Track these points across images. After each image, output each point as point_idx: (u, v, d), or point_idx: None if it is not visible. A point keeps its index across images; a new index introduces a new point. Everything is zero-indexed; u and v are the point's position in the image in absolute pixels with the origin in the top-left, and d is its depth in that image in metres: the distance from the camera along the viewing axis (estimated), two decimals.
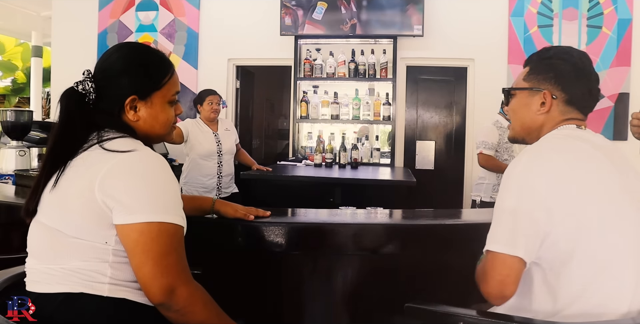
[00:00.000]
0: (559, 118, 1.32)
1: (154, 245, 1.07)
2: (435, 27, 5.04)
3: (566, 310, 1.13)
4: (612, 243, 1.13)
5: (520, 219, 1.12)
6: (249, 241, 1.70)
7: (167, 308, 1.09)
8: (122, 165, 1.10)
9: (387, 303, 1.71)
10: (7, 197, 2.26)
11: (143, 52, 1.30)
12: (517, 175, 1.18)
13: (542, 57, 1.37)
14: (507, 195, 1.17)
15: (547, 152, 1.21)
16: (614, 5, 4.88)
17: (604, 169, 1.20)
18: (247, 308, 1.71)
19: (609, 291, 1.12)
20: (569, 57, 1.32)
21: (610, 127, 4.88)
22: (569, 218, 1.11)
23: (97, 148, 1.14)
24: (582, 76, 1.31)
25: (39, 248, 1.15)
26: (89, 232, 1.09)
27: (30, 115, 3.08)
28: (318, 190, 3.63)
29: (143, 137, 1.27)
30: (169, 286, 1.07)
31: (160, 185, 1.13)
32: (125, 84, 1.23)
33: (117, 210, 1.08)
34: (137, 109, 1.25)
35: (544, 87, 1.33)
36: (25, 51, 10.43)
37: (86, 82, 1.23)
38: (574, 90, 1.31)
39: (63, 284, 1.09)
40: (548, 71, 1.34)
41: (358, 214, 1.93)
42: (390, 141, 5.12)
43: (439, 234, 1.74)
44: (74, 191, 1.10)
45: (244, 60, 5.60)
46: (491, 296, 1.12)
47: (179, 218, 1.13)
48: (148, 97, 1.26)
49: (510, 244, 1.11)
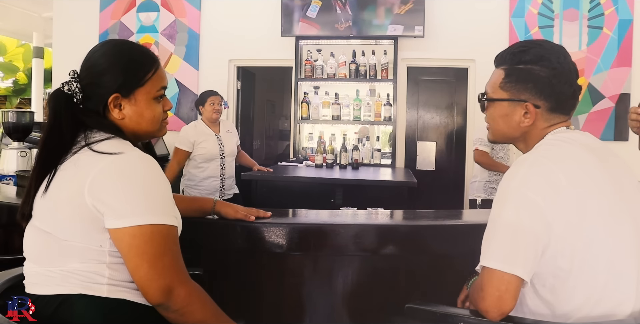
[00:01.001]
0: (544, 125, 1.26)
1: (148, 247, 1.07)
2: (436, 28, 5.04)
3: (568, 320, 1.11)
4: (612, 253, 1.10)
5: (519, 236, 1.08)
6: (249, 241, 1.70)
7: (166, 309, 1.09)
8: (110, 168, 1.09)
9: (387, 304, 1.71)
10: (8, 198, 2.26)
11: (124, 49, 1.27)
12: (514, 189, 1.12)
13: (517, 61, 1.28)
14: (505, 209, 1.12)
15: (544, 162, 1.14)
16: (614, 5, 4.88)
17: (599, 175, 1.15)
18: (248, 309, 1.71)
19: (612, 302, 1.09)
20: (547, 62, 1.23)
21: (611, 128, 4.88)
22: (569, 231, 1.08)
23: (86, 150, 1.13)
24: (563, 80, 1.23)
25: (36, 252, 1.14)
26: (82, 236, 1.09)
27: (31, 116, 3.09)
28: (319, 191, 3.63)
29: (131, 135, 1.25)
30: (167, 286, 1.07)
31: (150, 186, 1.11)
32: (108, 82, 1.21)
33: (108, 214, 1.07)
34: (122, 107, 1.23)
35: (525, 97, 1.25)
36: (27, 52, 10.45)
37: (72, 83, 1.21)
38: (556, 96, 1.23)
39: (62, 285, 1.08)
40: (527, 80, 1.25)
41: (359, 215, 1.93)
42: (391, 141, 5.12)
43: (439, 235, 1.74)
44: (65, 195, 1.09)
45: (245, 61, 5.60)
46: (489, 313, 1.07)
47: (171, 218, 1.12)
48: (131, 94, 1.23)
49: (509, 262, 1.07)
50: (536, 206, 1.08)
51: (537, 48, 1.26)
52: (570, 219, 1.08)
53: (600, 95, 4.90)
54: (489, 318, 1.08)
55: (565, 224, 1.08)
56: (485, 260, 1.11)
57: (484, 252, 1.12)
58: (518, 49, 1.29)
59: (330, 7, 4.95)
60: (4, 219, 2.07)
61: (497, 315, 1.07)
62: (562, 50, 1.26)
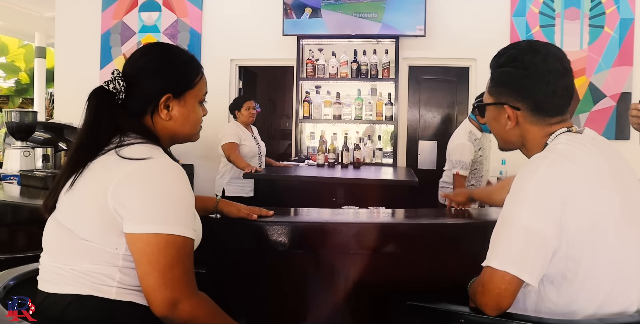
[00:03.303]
0: (537, 128, 1.25)
1: (160, 257, 1.06)
2: (437, 27, 5.05)
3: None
4: (619, 260, 1.11)
5: (532, 241, 1.07)
6: (252, 240, 1.71)
7: (171, 322, 1.09)
8: (136, 173, 1.09)
9: (389, 301, 1.72)
10: (12, 198, 2.27)
11: (176, 52, 1.31)
12: (532, 190, 1.10)
13: (495, 66, 1.30)
14: (520, 210, 1.10)
15: (563, 162, 1.13)
16: (616, 4, 4.88)
17: (609, 178, 1.15)
18: (250, 307, 1.72)
19: (616, 307, 1.10)
20: (519, 63, 1.23)
21: (613, 127, 4.89)
22: (580, 237, 1.08)
23: (113, 154, 1.14)
24: (537, 80, 1.21)
25: (53, 245, 1.16)
26: (100, 236, 1.10)
27: (34, 116, 3.10)
28: (321, 190, 3.64)
29: (168, 139, 1.28)
30: (173, 299, 1.06)
31: (172, 196, 1.11)
32: (160, 82, 1.24)
33: (127, 218, 1.07)
34: (170, 108, 1.26)
35: (504, 100, 1.26)
36: (29, 52, 10.47)
37: (117, 81, 1.22)
38: (534, 96, 1.22)
39: (72, 285, 1.10)
40: (503, 83, 1.27)
41: (360, 213, 1.94)
42: (393, 140, 5.13)
43: (441, 233, 1.75)
44: (89, 195, 1.11)
45: (247, 61, 5.61)
46: (487, 307, 1.09)
47: (189, 231, 1.12)
48: (182, 96, 1.27)
49: (517, 265, 1.06)
50: (553, 211, 1.07)
51: (513, 50, 1.27)
52: (583, 224, 1.08)
53: (602, 94, 4.91)
54: (486, 312, 1.09)
55: (577, 229, 1.08)
56: (493, 260, 1.10)
57: (493, 251, 1.12)
58: (498, 53, 1.30)
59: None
60: (9, 219, 2.09)
61: (494, 310, 1.09)
62: (542, 49, 1.24)
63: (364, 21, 4.91)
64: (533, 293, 1.16)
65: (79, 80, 5.60)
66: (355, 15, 4.92)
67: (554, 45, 1.27)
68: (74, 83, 5.64)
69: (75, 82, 5.63)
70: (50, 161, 3.19)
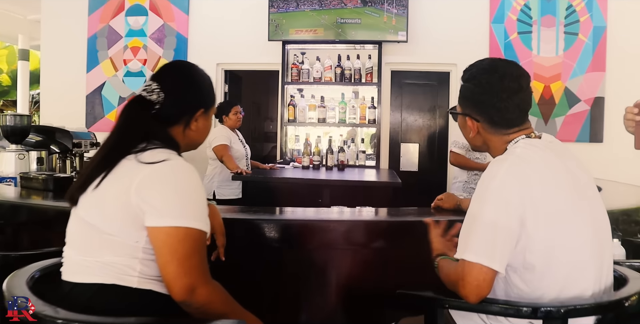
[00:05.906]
0: (497, 135, 1.39)
1: (180, 247, 1.18)
2: (419, 34, 5.20)
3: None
4: (574, 250, 1.25)
5: (498, 234, 1.20)
6: (247, 237, 1.81)
7: (188, 306, 1.20)
8: (157, 172, 1.21)
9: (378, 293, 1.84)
10: (15, 198, 2.33)
11: (202, 71, 1.46)
12: (494, 189, 1.23)
13: (463, 79, 1.43)
14: (485, 207, 1.23)
15: (520, 164, 1.27)
16: (589, 13, 5.08)
17: (562, 176, 1.29)
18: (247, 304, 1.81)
19: (574, 292, 1.24)
20: (476, 81, 1.37)
21: (587, 130, 5.07)
22: (537, 230, 1.21)
23: (133, 159, 1.24)
24: (489, 97, 1.34)
25: (77, 241, 1.27)
26: (122, 231, 1.20)
27: (29, 119, 3.14)
28: (307, 191, 3.71)
29: (185, 146, 1.41)
30: (191, 285, 1.18)
31: (190, 193, 1.24)
32: (197, 98, 1.40)
33: (150, 213, 1.19)
34: (198, 121, 1.41)
35: (468, 112, 1.42)
36: (11, 54, 10.41)
37: (159, 93, 1.33)
38: (489, 112, 1.36)
39: (97, 275, 1.20)
40: (465, 97, 1.42)
41: (349, 212, 2.06)
42: (374, 142, 5.24)
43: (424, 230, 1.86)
44: (113, 193, 1.22)
45: (233, 65, 5.70)
46: (470, 298, 1.21)
47: (204, 225, 1.24)
48: (209, 111, 1.43)
49: (488, 256, 1.19)
50: (513, 207, 1.21)
51: (474, 68, 1.41)
52: (539, 218, 1.22)
53: (576, 98, 5.10)
54: (469, 301, 1.22)
55: (535, 223, 1.21)
56: (466, 253, 1.23)
57: (464, 245, 1.25)
58: (466, 68, 1.44)
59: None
60: (12, 218, 2.14)
61: (476, 299, 1.21)
62: (501, 69, 1.37)
63: (347, 27, 5.05)
64: (501, 281, 1.29)
65: (65, 83, 5.64)
66: (339, 21, 5.05)
67: (515, 64, 1.41)
68: (60, 86, 5.68)
69: (61, 85, 5.67)
70: (44, 163, 3.24)
